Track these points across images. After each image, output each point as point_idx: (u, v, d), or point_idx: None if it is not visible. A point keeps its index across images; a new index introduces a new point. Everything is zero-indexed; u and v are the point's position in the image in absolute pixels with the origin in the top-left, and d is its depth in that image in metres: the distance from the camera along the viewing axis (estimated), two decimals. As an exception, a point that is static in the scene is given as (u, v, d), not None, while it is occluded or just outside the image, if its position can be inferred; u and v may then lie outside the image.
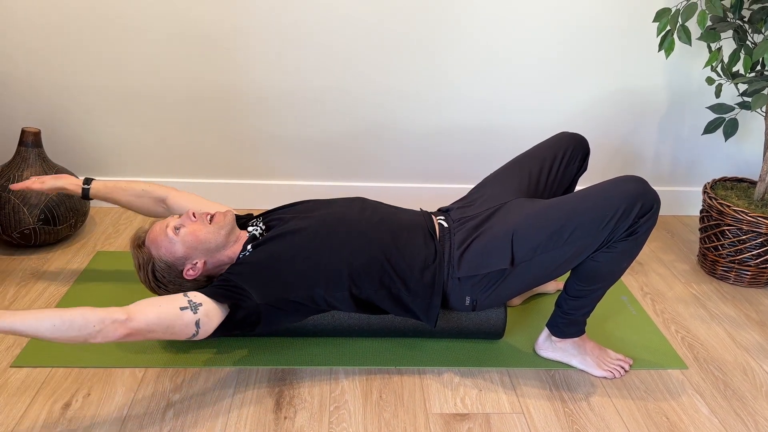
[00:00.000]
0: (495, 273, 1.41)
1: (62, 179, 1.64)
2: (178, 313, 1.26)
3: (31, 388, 1.41)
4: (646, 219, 1.34)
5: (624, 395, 1.49)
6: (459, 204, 1.62)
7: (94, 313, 1.17)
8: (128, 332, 1.21)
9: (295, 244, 1.43)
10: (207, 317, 1.30)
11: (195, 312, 1.28)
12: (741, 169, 2.42)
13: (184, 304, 1.28)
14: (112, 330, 1.18)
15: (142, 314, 1.22)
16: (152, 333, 1.24)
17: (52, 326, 1.14)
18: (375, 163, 2.31)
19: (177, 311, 1.26)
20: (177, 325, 1.26)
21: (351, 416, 1.38)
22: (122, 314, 1.20)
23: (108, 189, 1.65)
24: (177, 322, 1.26)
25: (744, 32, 1.87)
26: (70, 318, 1.15)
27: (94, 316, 1.17)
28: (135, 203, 1.66)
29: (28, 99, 2.12)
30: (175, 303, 1.27)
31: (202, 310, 1.29)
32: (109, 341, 1.20)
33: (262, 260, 1.41)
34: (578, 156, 1.67)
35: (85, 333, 1.16)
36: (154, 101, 2.15)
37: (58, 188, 1.64)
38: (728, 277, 2.00)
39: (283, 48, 2.09)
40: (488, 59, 2.16)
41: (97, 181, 1.66)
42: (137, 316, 1.22)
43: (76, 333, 1.16)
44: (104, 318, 1.18)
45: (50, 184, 1.63)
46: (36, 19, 2.01)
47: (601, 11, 2.11)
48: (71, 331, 1.15)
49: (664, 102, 2.28)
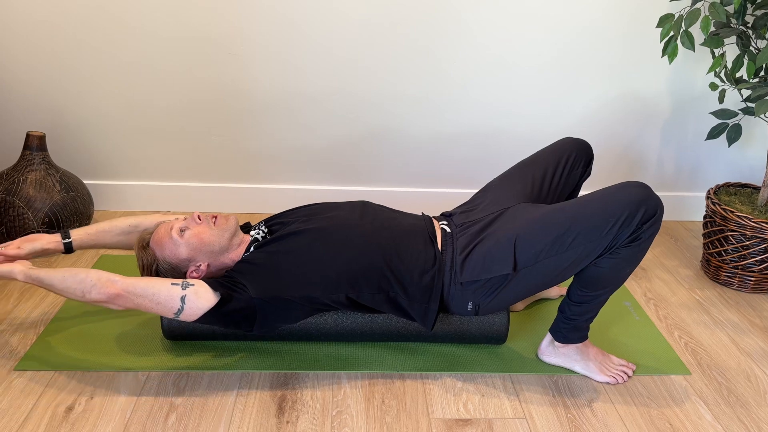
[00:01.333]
0: (497, 278, 1.41)
1: (39, 239, 1.49)
2: (167, 285, 1.34)
3: (35, 391, 1.42)
4: (650, 225, 1.34)
5: (627, 401, 1.48)
6: (462, 209, 1.62)
7: (96, 272, 1.33)
8: (118, 291, 1.31)
9: (295, 246, 1.43)
10: (195, 296, 1.34)
11: (184, 288, 1.34)
12: (744, 175, 2.41)
13: (176, 281, 1.36)
14: (105, 286, 1.31)
15: (135, 279, 1.33)
16: (139, 298, 1.32)
17: (62, 277, 1.32)
18: (378, 168, 2.31)
19: (167, 284, 1.34)
20: (162, 294, 1.33)
21: (353, 421, 1.38)
22: (118, 276, 1.33)
23: (91, 236, 1.54)
24: (163, 292, 1.33)
25: (747, 38, 1.87)
26: (76, 271, 1.32)
27: (95, 274, 1.32)
28: (125, 241, 1.57)
29: (32, 103, 2.13)
30: (168, 279, 1.37)
31: (191, 289, 1.35)
32: (101, 298, 1.31)
33: (261, 258, 1.42)
34: (582, 161, 1.67)
35: (83, 286, 1.31)
36: (158, 105, 2.16)
37: (38, 251, 1.48)
38: (732, 282, 1.99)
39: (287, 52, 2.10)
40: (493, 64, 2.16)
41: (77, 230, 1.53)
42: (129, 279, 1.33)
43: (77, 285, 1.31)
44: (101, 276, 1.32)
45: (28, 248, 1.47)
46: (41, 24, 2.02)
47: (604, 17, 2.11)
48: (74, 283, 1.31)
49: (667, 107, 2.28)
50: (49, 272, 1.34)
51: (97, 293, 1.31)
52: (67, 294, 1.33)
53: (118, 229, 1.56)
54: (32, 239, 1.49)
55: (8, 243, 1.49)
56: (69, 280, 1.32)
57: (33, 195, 1.89)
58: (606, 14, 2.11)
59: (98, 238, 1.55)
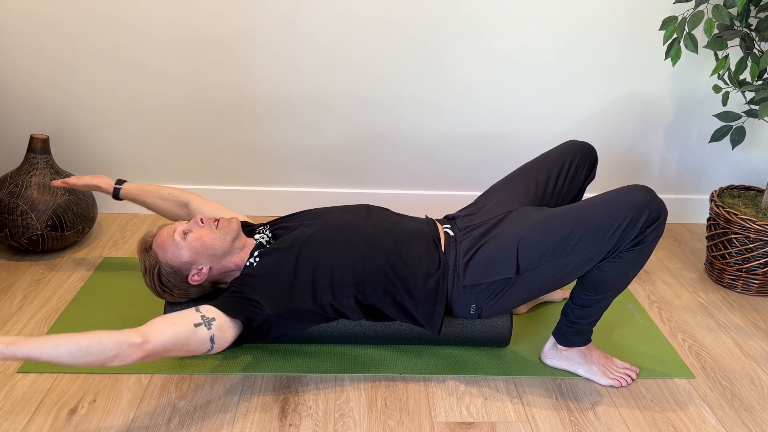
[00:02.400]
0: (500, 282, 1.41)
1: (97, 179, 1.75)
2: (192, 330, 1.26)
3: (38, 394, 1.42)
4: (653, 229, 1.33)
5: (630, 404, 1.48)
6: (465, 212, 1.62)
7: (110, 336, 1.16)
8: (145, 354, 1.20)
9: (301, 253, 1.43)
10: (221, 332, 1.30)
11: (209, 328, 1.28)
12: (748, 177, 2.41)
13: (197, 320, 1.27)
14: (129, 353, 1.18)
15: (158, 334, 1.21)
16: (168, 352, 1.24)
17: (68, 353, 1.13)
18: (382, 170, 2.31)
19: (191, 328, 1.26)
20: (192, 342, 1.26)
21: (356, 424, 1.38)
22: (138, 336, 1.19)
23: (137, 191, 1.73)
24: (192, 340, 1.25)
25: (751, 40, 1.87)
26: (86, 344, 1.14)
27: (110, 340, 1.16)
28: (160, 205, 1.72)
29: (36, 106, 2.14)
30: (188, 319, 1.27)
31: (215, 324, 1.29)
32: (126, 364, 1.20)
33: (270, 270, 1.42)
34: (586, 164, 1.66)
35: (102, 358, 1.16)
36: (161, 108, 2.16)
37: (93, 186, 1.75)
38: (736, 285, 1.99)
39: (290, 55, 2.10)
40: (496, 66, 2.16)
41: (128, 183, 1.74)
42: (153, 337, 1.21)
43: (93, 358, 1.15)
44: (120, 342, 1.17)
45: (86, 181, 1.75)
46: (44, 27, 2.02)
47: (607, 19, 2.11)
48: (88, 357, 1.15)
49: (671, 110, 2.28)
50: (42, 345, 1.12)
51: (120, 362, 1.18)
52: (80, 366, 1.19)
53: (158, 193, 1.71)
54: (94, 177, 1.75)
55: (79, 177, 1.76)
56: (80, 353, 1.14)
57: (36, 197, 1.89)
58: (609, 17, 2.11)
59: (142, 195, 1.72)
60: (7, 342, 1.10)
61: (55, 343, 1.13)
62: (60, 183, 1.76)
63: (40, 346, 1.12)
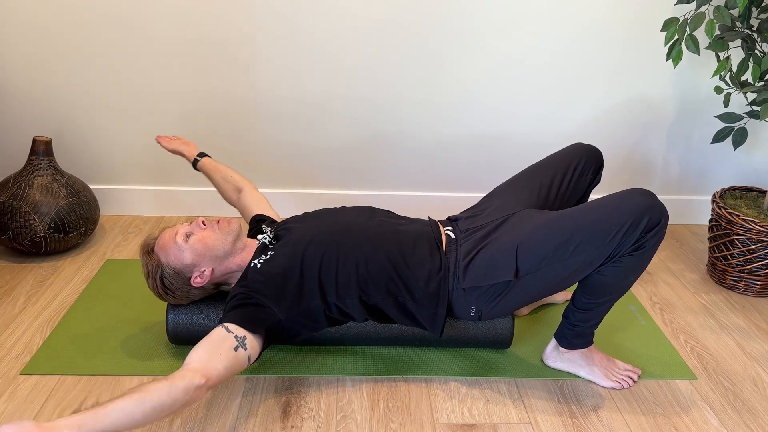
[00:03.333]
0: (500, 284, 1.41)
1: (185, 147, 1.87)
2: (234, 355, 1.28)
3: (41, 395, 1.42)
4: (653, 234, 1.33)
5: (632, 406, 1.48)
6: (468, 213, 1.62)
7: (174, 387, 1.15)
8: (207, 391, 1.22)
9: (305, 254, 1.43)
10: (253, 348, 1.32)
11: (245, 349, 1.30)
12: (750, 179, 2.41)
13: (234, 343, 1.28)
14: (196, 396, 1.19)
15: (213, 371, 1.23)
16: (222, 381, 1.27)
17: (143, 416, 1.11)
18: (384, 172, 2.31)
19: (233, 353, 1.27)
20: (237, 366, 1.28)
21: (358, 426, 1.38)
22: (199, 378, 1.19)
23: (210, 167, 1.84)
24: (236, 364, 1.28)
25: (752, 41, 1.87)
26: (158, 402, 1.12)
27: (178, 391, 1.15)
28: (222, 185, 1.82)
29: (39, 108, 2.14)
30: (228, 345, 1.27)
31: (248, 343, 1.31)
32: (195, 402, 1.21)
33: (277, 271, 1.42)
34: (591, 168, 1.66)
35: (175, 408, 1.16)
36: (163, 110, 2.17)
37: (179, 152, 1.87)
38: (738, 286, 1.98)
39: (290, 56, 2.11)
40: (498, 68, 2.16)
41: (207, 158, 1.85)
42: (211, 374, 1.22)
43: (167, 412, 1.15)
44: (187, 388, 1.16)
45: (175, 146, 1.87)
46: (47, 30, 2.03)
47: (609, 21, 2.11)
48: (163, 413, 1.14)
49: (672, 111, 2.28)
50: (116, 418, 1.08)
51: (189, 406, 1.21)
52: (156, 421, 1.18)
53: (224, 174, 1.81)
54: (186, 143, 1.88)
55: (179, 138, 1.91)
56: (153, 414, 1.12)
57: (39, 200, 1.90)
58: (610, 18, 2.11)
59: (212, 172, 1.83)
60: (78, 424, 1.05)
61: (127, 411, 1.09)
62: (157, 138, 1.90)
63: (114, 420, 1.08)
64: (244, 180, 1.80)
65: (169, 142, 1.89)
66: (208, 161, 1.85)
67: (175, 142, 1.89)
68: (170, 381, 1.16)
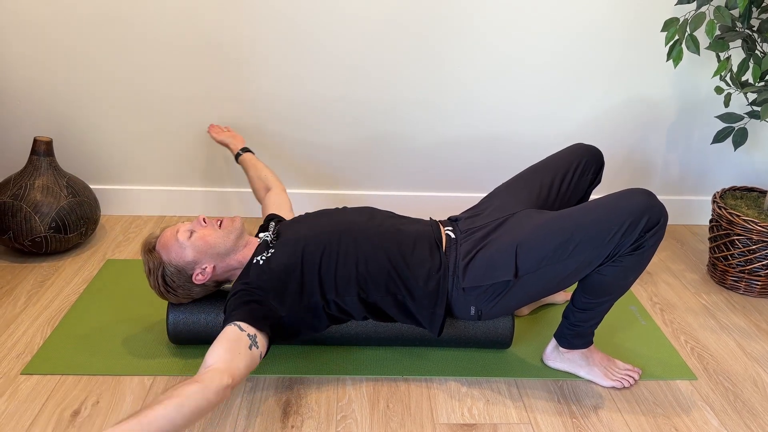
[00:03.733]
0: (499, 284, 1.41)
1: (232, 140, 1.99)
2: (251, 354, 1.28)
3: (41, 395, 1.42)
4: (653, 233, 1.33)
5: (633, 406, 1.48)
6: (468, 214, 1.62)
7: (207, 390, 1.15)
8: (232, 390, 1.24)
9: (306, 251, 1.44)
10: (263, 346, 1.33)
11: (257, 347, 1.30)
12: (750, 179, 2.40)
13: (248, 341, 1.29)
14: (225, 396, 1.19)
15: (237, 370, 1.23)
16: (242, 380, 1.30)
17: (183, 423, 1.11)
18: (384, 172, 2.31)
19: (249, 351, 1.28)
20: (253, 364, 1.29)
21: (358, 425, 1.38)
22: (227, 378, 1.19)
23: (249, 163, 1.93)
24: (252, 362, 1.28)
25: (753, 41, 1.87)
26: (195, 406, 1.13)
27: (211, 393, 1.16)
28: (255, 182, 1.90)
29: (40, 108, 2.15)
30: (244, 344, 1.28)
31: (259, 341, 1.31)
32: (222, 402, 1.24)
33: (279, 268, 1.42)
34: (592, 168, 1.66)
35: (209, 410, 1.17)
36: (164, 110, 2.17)
37: (225, 144, 2.00)
38: (738, 287, 1.98)
39: (292, 56, 2.11)
40: (498, 68, 2.16)
41: (248, 154, 1.95)
42: (236, 374, 1.22)
43: (203, 415, 1.16)
44: (218, 390, 1.17)
45: (222, 138, 2.01)
46: (48, 30, 2.03)
47: (609, 21, 2.11)
48: (200, 416, 1.14)
49: (673, 111, 2.28)
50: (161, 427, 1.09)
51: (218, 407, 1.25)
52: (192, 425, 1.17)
53: (259, 172, 1.89)
54: (233, 136, 2.01)
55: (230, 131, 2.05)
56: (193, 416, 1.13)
57: (40, 200, 1.90)
58: (611, 18, 2.11)
59: (249, 168, 1.92)
60: None
61: (169, 418, 1.09)
62: (209, 127, 2.04)
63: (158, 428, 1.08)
64: (276, 181, 1.87)
65: (219, 132, 2.02)
66: (249, 157, 1.94)
67: (224, 134, 2.01)
68: (202, 384, 1.15)
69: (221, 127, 2.06)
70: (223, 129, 2.05)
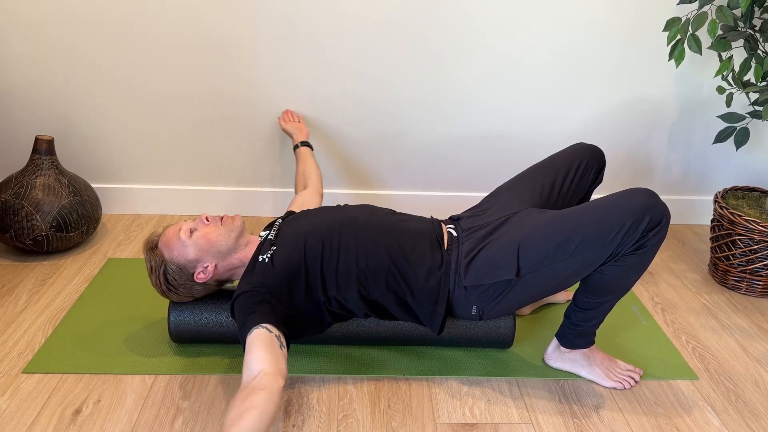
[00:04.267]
0: (501, 283, 1.41)
1: (297, 132, 2.05)
2: (283, 353, 1.28)
3: (43, 393, 1.43)
4: (655, 233, 1.32)
5: (634, 406, 1.48)
6: (470, 213, 1.62)
7: (273, 395, 1.16)
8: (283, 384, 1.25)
9: (306, 246, 1.44)
10: (285, 346, 1.33)
11: (283, 347, 1.30)
12: (752, 179, 2.40)
13: (277, 342, 1.29)
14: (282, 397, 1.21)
15: (283, 371, 1.23)
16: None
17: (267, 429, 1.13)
18: (386, 171, 2.31)
19: (282, 351, 1.28)
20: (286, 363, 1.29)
21: (359, 425, 1.38)
22: (281, 380, 1.20)
23: (302, 157, 1.98)
24: (286, 361, 1.28)
25: (755, 41, 1.87)
26: (271, 415, 1.14)
27: (277, 397, 1.17)
28: (297, 176, 1.96)
29: (41, 107, 2.15)
30: (276, 344, 1.28)
31: (283, 340, 1.31)
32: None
33: (284, 267, 1.42)
34: (593, 168, 1.66)
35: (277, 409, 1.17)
36: (165, 110, 2.17)
37: (289, 133, 2.08)
38: (740, 287, 1.98)
39: (292, 56, 2.11)
40: (499, 67, 2.16)
41: (305, 148, 2.00)
42: (284, 374, 1.23)
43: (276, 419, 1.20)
44: (280, 392, 1.18)
45: (290, 127, 2.08)
46: (49, 29, 2.03)
47: (611, 20, 2.11)
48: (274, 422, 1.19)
49: (674, 111, 2.27)
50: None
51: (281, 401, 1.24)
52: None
53: (306, 168, 1.94)
54: (299, 129, 2.06)
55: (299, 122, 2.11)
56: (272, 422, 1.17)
57: (41, 198, 1.90)
58: (613, 18, 2.11)
59: (300, 162, 1.97)
60: None
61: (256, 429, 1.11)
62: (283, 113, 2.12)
63: None
64: (316, 182, 1.90)
65: (289, 120, 2.09)
66: (304, 151, 2.00)
67: (292, 124, 2.08)
68: (267, 390, 1.15)
69: (293, 116, 2.11)
70: (294, 118, 2.10)
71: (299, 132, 2.05)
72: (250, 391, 1.15)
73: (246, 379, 1.20)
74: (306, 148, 2.01)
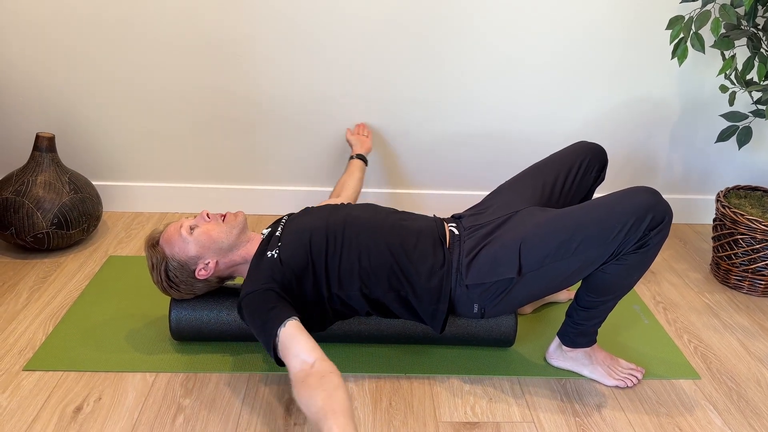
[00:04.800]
0: (503, 282, 1.40)
1: (360, 145, 2.08)
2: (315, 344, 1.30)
3: (44, 391, 1.42)
4: (657, 232, 1.32)
5: (636, 406, 1.47)
6: (471, 211, 1.62)
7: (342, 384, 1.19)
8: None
9: (312, 242, 1.44)
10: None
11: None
12: (755, 178, 2.40)
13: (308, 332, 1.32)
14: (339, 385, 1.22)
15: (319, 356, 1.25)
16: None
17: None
18: (387, 170, 2.31)
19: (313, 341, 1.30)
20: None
21: (360, 423, 1.38)
22: (332, 366, 1.23)
23: (350, 168, 1.99)
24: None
25: (758, 40, 1.86)
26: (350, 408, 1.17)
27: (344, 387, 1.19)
28: (337, 185, 1.95)
29: (42, 104, 2.14)
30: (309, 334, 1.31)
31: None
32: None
33: (290, 263, 1.42)
34: (595, 166, 1.65)
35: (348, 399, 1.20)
36: (166, 107, 2.17)
37: (351, 143, 2.11)
38: (742, 286, 1.98)
39: (292, 56, 2.10)
40: (500, 66, 2.16)
41: (358, 161, 2.02)
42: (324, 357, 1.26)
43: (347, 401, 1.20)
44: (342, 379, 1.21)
45: (353, 139, 2.11)
46: (50, 27, 2.03)
47: (613, 19, 2.11)
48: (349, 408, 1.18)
49: (677, 110, 2.27)
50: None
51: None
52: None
53: (348, 182, 1.94)
54: (363, 142, 2.10)
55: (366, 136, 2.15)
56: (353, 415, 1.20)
57: (42, 196, 1.90)
58: (615, 16, 2.10)
59: (347, 172, 1.98)
60: None
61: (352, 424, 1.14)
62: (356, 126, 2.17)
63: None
64: (349, 194, 1.89)
65: (355, 132, 2.14)
66: (356, 163, 2.01)
67: (356, 137, 2.11)
68: (335, 373, 1.20)
69: (363, 130, 2.15)
70: (363, 132, 2.14)
71: (360, 145, 2.08)
72: (321, 376, 1.19)
73: (300, 368, 1.23)
74: (358, 161, 2.01)
